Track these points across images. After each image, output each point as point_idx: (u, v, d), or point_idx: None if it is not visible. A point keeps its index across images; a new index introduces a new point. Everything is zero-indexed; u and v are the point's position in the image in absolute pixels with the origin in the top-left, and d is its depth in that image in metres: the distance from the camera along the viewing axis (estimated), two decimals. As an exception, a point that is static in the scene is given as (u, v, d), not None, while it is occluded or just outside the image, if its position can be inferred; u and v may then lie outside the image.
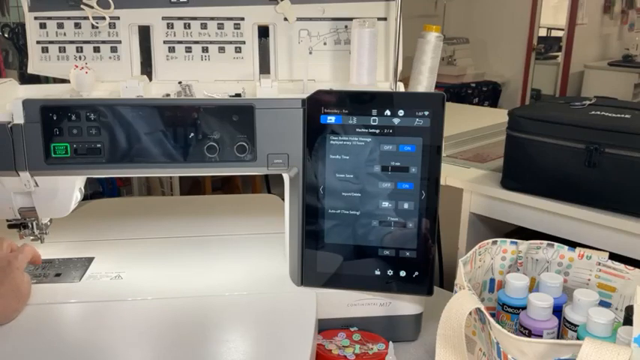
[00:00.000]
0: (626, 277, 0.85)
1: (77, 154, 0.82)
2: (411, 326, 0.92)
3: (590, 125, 1.15)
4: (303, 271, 0.88)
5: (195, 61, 0.95)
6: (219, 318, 0.84)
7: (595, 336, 0.73)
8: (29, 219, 0.91)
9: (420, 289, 0.87)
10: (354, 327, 0.90)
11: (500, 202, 1.32)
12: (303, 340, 0.79)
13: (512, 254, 0.91)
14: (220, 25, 0.94)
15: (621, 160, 1.11)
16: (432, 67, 0.97)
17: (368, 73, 0.90)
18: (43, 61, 0.94)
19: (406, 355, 0.89)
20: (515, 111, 1.27)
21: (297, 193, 0.87)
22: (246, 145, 0.83)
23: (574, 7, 4.29)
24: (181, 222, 1.14)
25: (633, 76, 4.42)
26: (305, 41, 0.96)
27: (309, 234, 0.87)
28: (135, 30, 0.94)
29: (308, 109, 0.84)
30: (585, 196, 1.17)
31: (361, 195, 0.85)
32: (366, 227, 0.85)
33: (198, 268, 0.96)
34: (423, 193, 0.84)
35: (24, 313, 0.83)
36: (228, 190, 3.30)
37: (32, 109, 0.80)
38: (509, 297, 0.85)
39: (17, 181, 0.84)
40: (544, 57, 4.70)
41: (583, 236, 1.19)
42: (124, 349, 0.77)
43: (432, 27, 0.96)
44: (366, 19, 0.90)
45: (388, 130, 0.83)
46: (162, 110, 0.82)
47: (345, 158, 0.84)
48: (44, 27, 0.93)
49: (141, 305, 0.85)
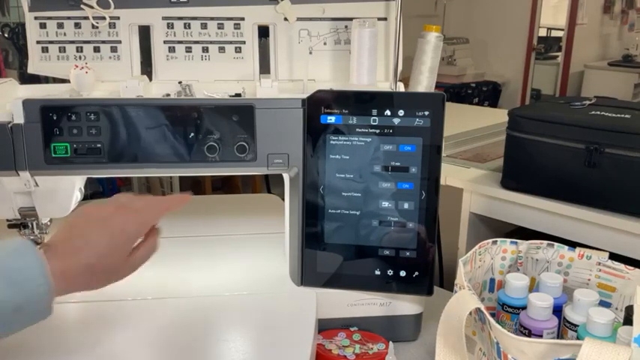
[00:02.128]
0: (626, 277, 0.85)
1: (77, 154, 0.82)
2: (411, 326, 0.92)
3: (590, 125, 1.15)
4: (303, 271, 0.88)
5: (195, 61, 0.95)
6: (218, 318, 0.84)
7: (595, 336, 0.73)
8: (29, 219, 0.91)
9: (420, 289, 0.87)
10: (354, 327, 0.90)
11: (500, 202, 1.32)
12: (303, 340, 0.79)
13: (512, 254, 0.91)
14: (220, 25, 0.94)
15: (621, 160, 1.11)
16: (432, 67, 0.97)
17: (368, 73, 0.90)
18: (43, 61, 0.94)
19: (406, 355, 0.89)
20: (515, 111, 1.27)
21: (297, 193, 0.87)
22: (246, 145, 0.83)
23: (574, 7, 4.29)
24: (181, 222, 1.14)
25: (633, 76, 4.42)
26: (305, 41, 0.96)
27: (309, 234, 0.87)
28: (135, 30, 0.94)
29: (308, 109, 0.84)
30: (585, 196, 1.17)
31: (361, 195, 0.85)
32: (366, 227, 0.85)
33: (198, 268, 0.96)
34: (423, 193, 0.84)
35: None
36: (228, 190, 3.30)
37: (32, 109, 0.80)
38: (509, 297, 0.85)
39: (17, 181, 0.84)
40: (544, 57, 4.70)
41: (583, 236, 1.19)
42: (123, 349, 0.77)
43: (432, 27, 0.96)
44: (366, 19, 0.90)
45: (388, 130, 0.83)
46: (162, 110, 0.82)
47: (345, 158, 0.84)
48: (44, 27, 0.93)
49: (141, 305, 0.85)
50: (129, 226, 0.71)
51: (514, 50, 4.58)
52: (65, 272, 0.65)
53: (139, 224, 0.72)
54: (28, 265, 0.62)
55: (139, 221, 0.72)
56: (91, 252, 0.67)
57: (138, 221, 0.72)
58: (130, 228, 0.71)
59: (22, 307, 0.61)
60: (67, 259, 0.66)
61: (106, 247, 0.68)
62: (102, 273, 0.69)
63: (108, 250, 0.68)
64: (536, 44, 4.55)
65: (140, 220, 0.73)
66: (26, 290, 0.61)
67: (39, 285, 0.62)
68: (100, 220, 0.70)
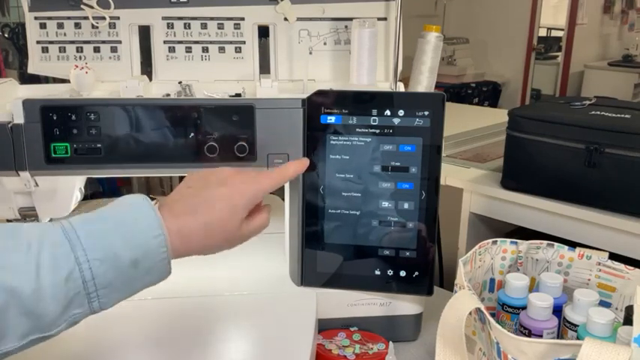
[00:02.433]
0: (626, 277, 0.85)
1: (77, 154, 0.82)
2: (411, 326, 0.92)
3: (590, 125, 1.15)
4: (303, 271, 0.88)
5: (195, 61, 0.95)
6: (218, 318, 0.84)
7: (595, 336, 0.73)
8: (29, 219, 0.91)
9: (420, 289, 0.87)
10: (354, 327, 0.90)
11: (500, 202, 1.32)
12: (303, 340, 0.79)
13: (512, 254, 0.91)
14: (220, 25, 0.95)
15: (621, 160, 1.11)
16: (432, 67, 0.97)
17: (368, 73, 0.90)
18: (43, 61, 0.94)
19: (406, 355, 0.89)
20: (515, 111, 1.27)
21: (297, 193, 0.87)
22: (246, 145, 0.83)
23: (574, 7, 4.29)
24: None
25: (633, 76, 4.42)
26: (305, 41, 0.96)
27: (309, 234, 0.87)
28: (135, 30, 0.94)
29: (308, 109, 0.84)
30: (585, 196, 1.17)
31: (361, 195, 0.85)
32: (366, 227, 0.85)
33: (197, 268, 0.96)
34: (423, 193, 0.84)
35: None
36: (228, 190, 3.29)
37: (32, 109, 0.80)
38: (509, 297, 0.85)
39: (17, 181, 0.84)
40: (544, 57, 4.70)
41: (583, 236, 1.19)
42: (123, 349, 0.77)
43: (432, 27, 0.96)
44: (366, 19, 0.90)
45: (388, 130, 0.83)
46: (162, 110, 0.82)
47: (345, 158, 0.84)
48: (44, 27, 0.93)
49: (140, 305, 0.85)
50: (249, 189, 0.68)
51: (514, 50, 4.58)
52: (182, 229, 0.62)
53: (257, 189, 0.69)
54: (144, 215, 0.60)
55: (256, 187, 0.69)
56: (210, 211, 0.64)
57: (256, 187, 0.69)
58: (249, 192, 0.68)
59: (139, 261, 0.58)
60: (183, 216, 0.63)
61: (225, 208, 0.65)
62: (219, 234, 0.66)
63: (227, 211, 0.65)
64: (536, 44, 4.55)
65: (258, 187, 0.69)
66: (142, 242, 0.58)
67: (155, 236, 0.59)
68: (219, 180, 0.67)
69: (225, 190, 0.67)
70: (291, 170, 0.76)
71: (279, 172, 0.74)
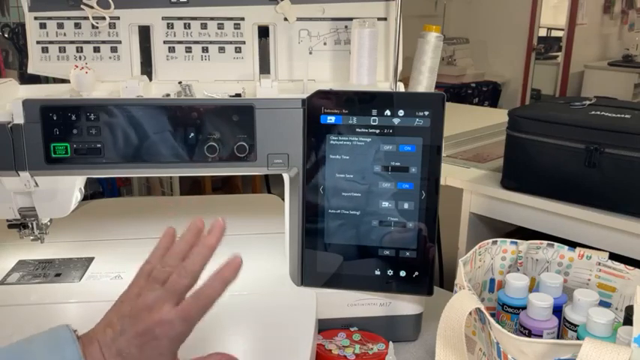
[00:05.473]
0: (626, 277, 0.85)
1: (77, 154, 0.82)
2: (411, 326, 0.92)
3: (590, 125, 1.15)
4: (303, 271, 0.88)
5: (195, 61, 0.95)
6: (218, 318, 0.84)
7: (595, 336, 0.73)
8: (29, 219, 0.91)
9: (420, 289, 0.87)
10: (354, 327, 0.90)
11: (500, 202, 1.32)
12: (303, 340, 0.79)
13: (512, 254, 0.91)
14: (220, 25, 0.94)
15: (621, 160, 1.11)
16: (432, 67, 0.97)
17: (368, 73, 0.90)
18: (43, 61, 0.94)
19: (406, 355, 0.90)
20: (515, 111, 1.27)
21: (297, 193, 0.87)
22: (246, 145, 0.83)
23: (574, 7, 4.29)
24: (181, 222, 1.13)
25: (633, 76, 4.42)
26: (305, 41, 0.96)
27: (309, 234, 0.87)
28: (135, 30, 0.94)
29: (308, 109, 0.84)
30: (585, 196, 1.17)
31: (361, 195, 0.85)
32: (366, 227, 0.85)
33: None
34: (423, 193, 0.84)
35: (23, 314, 0.83)
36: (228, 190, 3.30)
37: (32, 109, 0.80)
38: (509, 297, 0.85)
39: (17, 181, 0.84)
40: (544, 57, 4.69)
41: (583, 236, 1.19)
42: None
43: (432, 27, 0.96)
44: (366, 19, 0.90)
45: (388, 130, 0.83)
46: (162, 110, 0.82)
47: (345, 158, 0.84)
48: (44, 27, 0.93)
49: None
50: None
51: (514, 50, 4.58)
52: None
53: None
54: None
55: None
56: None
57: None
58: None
59: None
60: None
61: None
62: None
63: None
64: (536, 44, 4.54)
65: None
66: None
67: None
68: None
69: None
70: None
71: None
